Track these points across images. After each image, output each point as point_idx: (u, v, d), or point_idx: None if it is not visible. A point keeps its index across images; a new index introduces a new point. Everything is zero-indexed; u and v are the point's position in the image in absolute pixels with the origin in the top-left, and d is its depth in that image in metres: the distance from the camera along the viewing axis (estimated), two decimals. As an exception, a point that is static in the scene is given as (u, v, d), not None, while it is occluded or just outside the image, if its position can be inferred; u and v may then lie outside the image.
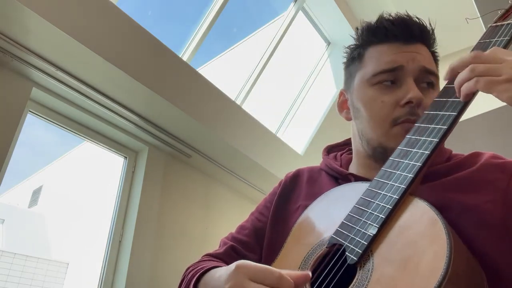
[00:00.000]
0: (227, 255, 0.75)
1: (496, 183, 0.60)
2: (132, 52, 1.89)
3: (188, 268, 0.73)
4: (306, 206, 0.69)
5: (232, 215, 2.75)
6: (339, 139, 0.85)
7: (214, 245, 0.89)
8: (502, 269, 0.54)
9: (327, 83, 3.27)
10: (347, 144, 0.81)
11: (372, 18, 0.73)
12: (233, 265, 0.52)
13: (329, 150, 0.81)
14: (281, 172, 2.76)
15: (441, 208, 0.50)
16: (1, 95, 1.70)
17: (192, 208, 2.48)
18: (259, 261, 0.72)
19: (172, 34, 2.98)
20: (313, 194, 0.71)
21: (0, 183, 1.64)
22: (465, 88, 0.52)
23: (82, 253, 4.40)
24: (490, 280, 0.51)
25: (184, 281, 0.69)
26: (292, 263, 0.59)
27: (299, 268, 0.57)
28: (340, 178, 0.71)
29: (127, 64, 1.85)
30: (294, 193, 0.77)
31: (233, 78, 3.16)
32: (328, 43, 3.32)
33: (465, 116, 0.57)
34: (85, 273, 4.17)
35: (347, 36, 3.50)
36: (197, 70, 2.24)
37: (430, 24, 0.70)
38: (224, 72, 3.52)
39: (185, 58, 2.35)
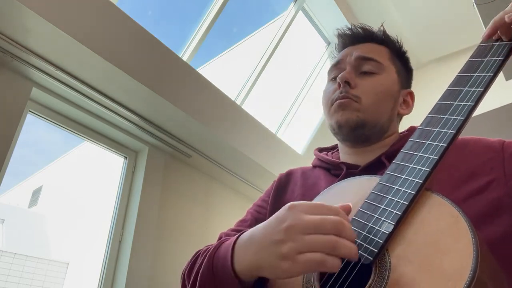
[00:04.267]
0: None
1: (491, 163, 0.62)
2: (132, 52, 1.89)
3: (199, 251, 0.68)
4: (304, 196, 0.73)
5: (232, 215, 2.75)
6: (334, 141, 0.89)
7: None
8: None
9: (327, 83, 3.27)
10: (335, 147, 0.86)
11: (372, 17, 0.75)
12: (284, 207, 0.49)
13: (320, 150, 0.87)
14: (281, 171, 2.76)
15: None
16: (1, 95, 1.70)
17: (192, 208, 2.48)
18: None
19: (172, 34, 2.98)
20: (310, 185, 0.76)
21: (0, 183, 1.64)
22: None
23: (82, 253, 4.40)
24: (505, 265, 0.50)
25: (201, 257, 0.63)
26: None
27: None
28: (333, 168, 0.76)
29: (127, 64, 1.85)
30: (290, 186, 0.80)
31: (233, 78, 3.16)
32: (328, 43, 3.32)
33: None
34: (85, 273, 4.17)
35: (347, 36, 3.39)
36: (197, 70, 2.24)
37: (383, 27, 0.82)
38: (224, 72, 3.52)
39: (185, 58, 2.35)
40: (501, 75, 2.13)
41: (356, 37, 0.79)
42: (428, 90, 3.25)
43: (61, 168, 5.77)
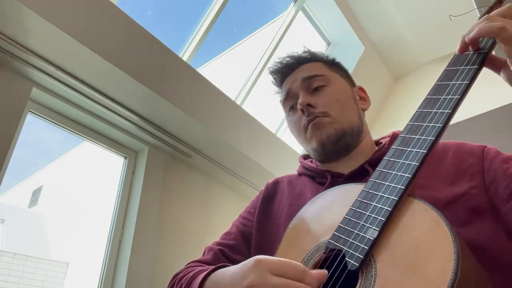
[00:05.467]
0: (216, 259, 0.75)
1: (472, 169, 0.64)
2: (132, 52, 1.89)
3: (177, 275, 0.71)
4: (291, 205, 0.74)
5: (232, 215, 2.74)
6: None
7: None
8: (501, 255, 0.55)
9: (327, 83, 3.27)
10: None
11: (372, 17, 0.76)
12: (250, 260, 0.49)
13: (305, 157, 0.89)
14: (281, 172, 2.76)
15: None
16: (1, 95, 1.70)
17: (192, 208, 2.48)
18: None
19: (172, 34, 2.98)
20: (296, 194, 0.77)
21: (0, 183, 1.64)
22: (488, 26, 0.53)
23: (82, 253, 4.40)
24: (490, 267, 0.51)
25: (176, 286, 0.66)
26: None
27: None
28: (317, 176, 0.77)
29: (127, 64, 1.85)
30: (277, 196, 0.81)
31: (233, 78, 3.16)
32: (328, 43, 3.32)
33: (469, 114, 0.60)
34: (85, 273, 4.17)
35: (347, 36, 3.50)
36: (197, 70, 2.24)
37: (305, 48, 0.86)
38: (224, 72, 3.52)
39: (185, 58, 2.35)
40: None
41: (289, 65, 0.84)
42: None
43: (61, 168, 5.77)
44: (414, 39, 3.16)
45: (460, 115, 2.31)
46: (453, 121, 0.54)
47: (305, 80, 0.79)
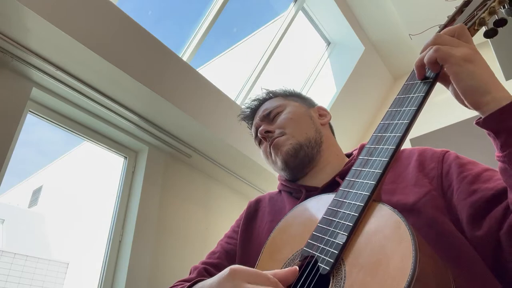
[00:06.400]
0: (200, 277, 0.78)
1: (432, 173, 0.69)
2: (132, 52, 1.89)
3: None
4: (272, 221, 0.79)
5: (232, 215, 2.75)
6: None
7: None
8: (464, 250, 0.59)
9: (327, 83, 3.28)
10: None
11: (372, 17, 0.76)
12: (226, 270, 0.52)
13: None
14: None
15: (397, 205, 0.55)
16: (1, 95, 1.70)
17: (192, 208, 2.48)
18: None
19: (172, 34, 2.98)
20: (277, 210, 0.82)
21: (0, 183, 1.64)
22: (427, 57, 0.58)
23: (82, 253, 4.40)
24: (455, 262, 0.56)
25: None
26: None
27: None
28: (294, 191, 0.83)
29: (127, 64, 1.85)
30: (259, 213, 0.86)
31: (233, 78, 3.16)
32: (328, 43, 3.32)
33: (472, 113, 0.61)
34: (85, 273, 4.17)
35: (347, 36, 3.48)
36: (197, 70, 2.24)
37: (264, 89, 0.98)
38: (224, 72, 3.53)
39: (185, 58, 2.35)
40: (501, 75, 2.13)
41: (255, 109, 0.94)
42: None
43: (61, 168, 5.77)
44: (414, 39, 3.16)
45: (462, 114, 2.30)
46: (455, 120, 0.56)
47: (263, 117, 0.89)
